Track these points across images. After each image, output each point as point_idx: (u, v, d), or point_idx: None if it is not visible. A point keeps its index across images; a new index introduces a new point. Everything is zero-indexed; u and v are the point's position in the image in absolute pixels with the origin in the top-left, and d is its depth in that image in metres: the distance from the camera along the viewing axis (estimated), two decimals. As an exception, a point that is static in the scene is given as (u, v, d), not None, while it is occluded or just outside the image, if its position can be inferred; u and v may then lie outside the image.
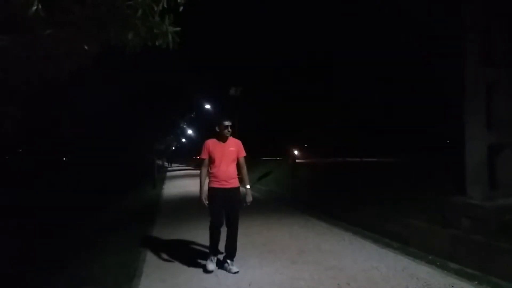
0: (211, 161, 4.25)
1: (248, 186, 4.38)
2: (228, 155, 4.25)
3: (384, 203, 6.46)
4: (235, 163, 4.34)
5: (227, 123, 4.21)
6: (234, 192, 4.24)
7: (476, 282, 3.75)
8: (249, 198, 4.31)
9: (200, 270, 4.45)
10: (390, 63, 13.10)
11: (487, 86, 4.79)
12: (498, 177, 4.84)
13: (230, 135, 4.33)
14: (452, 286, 3.63)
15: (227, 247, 4.37)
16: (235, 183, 4.27)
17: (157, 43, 2.90)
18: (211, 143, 4.28)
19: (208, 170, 4.32)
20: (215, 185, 4.22)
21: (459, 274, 3.98)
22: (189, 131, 38.92)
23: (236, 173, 4.31)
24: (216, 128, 4.27)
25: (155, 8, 2.72)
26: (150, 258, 5.16)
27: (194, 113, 23.98)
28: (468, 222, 4.55)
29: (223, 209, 4.22)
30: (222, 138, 4.27)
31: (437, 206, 5.14)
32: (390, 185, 6.98)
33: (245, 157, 4.45)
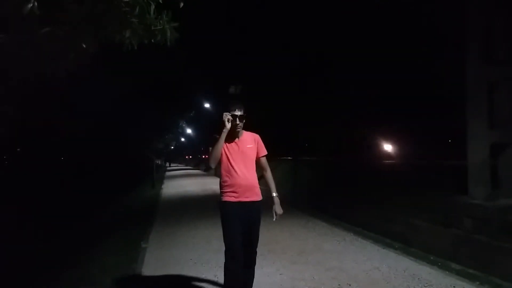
0: (223, 164, 3.10)
1: (275, 194, 3.23)
2: (247, 154, 3.11)
3: (385, 202, 6.44)
4: (255, 165, 3.21)
5: (237, 112, 3.03)
6: (256, 208, 3.10)
7: (478, 282, 3.72)
8: (278, 210, 3.18)
9: (199, 270, 4.41)
10: (390, 62, 13.08)
11: (489, 85, 4.75)
12: (500, 177, 4.80)
13: (243, 129, 3.19)
14: (454, 287, 3.60)
15: None
16: (258, 194, 3.12)
17: (153, 40, 2.87)
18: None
19: (220, 180, 3.15)
20: (231, 198, 3.02)
21: (461, 274, 3.96)
22: (188, 130, 38.87)
23: (257, 179, 3.19)
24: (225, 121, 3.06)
25: (152, 5, 2.68)
26: (149, 258, 5.13)
27: (194, 112, 23.90)
28: (470, 222, 4.52)
29: (240, 231, 3.04)
30: (234, 134, 3.10)
31: (439, 206, 5.12)
32: (392, 185, 6.96)
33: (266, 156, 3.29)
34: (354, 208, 7.17)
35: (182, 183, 19.66)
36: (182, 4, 2.73)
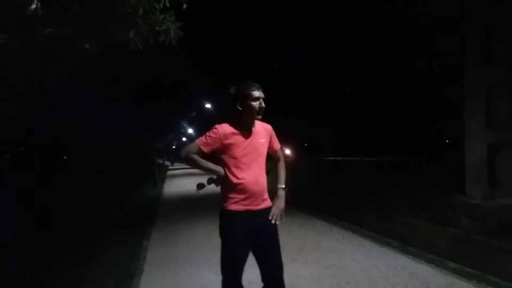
0: (229, 163, 2.41)
1: (281, 186, 2.61)
2: (260, 151, 2.47)
3: (384, 202, 6.46)
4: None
5: (259, 93, 2.40)
6: (269, 215, 2.48)
7: (475, 281, 3.74)
8: (280, 204, 2.54)
9: (201, 268, 4.45)
10: (390, 62, 13.11)
11: (487, 85, 4.78)
12: (498, 177, 4.84)
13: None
14: (451, 285, 3.63)
15: None
16: (268, 200, 2.53)
17: (159, 41, 2.91)
18: (228, 131, 2.39)
19: (225, 180, 2.44)
20: (239, 206, 2.38)
21: (458, 273, 3.98)
22: (190, 130, 38.93)
23: (266, 181, 2.54)
24: (238, 106, 2.40)
25: (157, 6, 2.73)
26: (150, 256, 5.18)
27: (195, 112, 23.97)
28: (468, 221, 4.55)
29: (248, 252, 2.43)
30: (247, 123, 2.43)
31: (437, 205, 5.14)
32: (390, 184, 6.99)
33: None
34: (353, 207, 7.20)
35: (183, 182, 19.68)
36: (185, 6, 2.78)
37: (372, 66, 13.76)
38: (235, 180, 2.38)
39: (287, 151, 16.89)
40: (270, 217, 2.45)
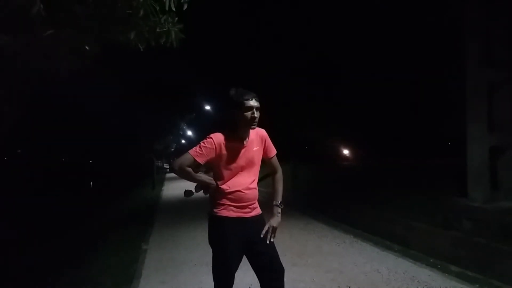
0: (222, 171, 2.34)
1: (278, 202, 2.51)
2: (253, 160, 2.39)
3: (385, 204, 6.44)
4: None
5: (253, 102, 2.26)
6: (262, 223, 2.42)
7: (478, 285, 3.73)
8: (275, 222, 2.44)
9: (200, 271, 4.42)
10: (391, 64, 13.13)
11: (489, 87, 4.77)
12: (500, 179, 4.82)
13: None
14: (453, 289, 3.61)
15: None
16: (258, 207, 2.47)
17: (161, 42, 2.90)
18: (223, 141, 2.28)
19: (216, 187, 2.37)
20: (231, 212, 2.33)
21: (460, 277, 3.96)
22: (189, 132, 38.91)
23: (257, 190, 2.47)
24: (237, 115, 2.29)
25: (157, 8, 2.72)
26: (149, 259, 5.15)
27: (194, 114, 23.93)
28: (470, 224, 4.53)
29: (240, 258, 2.38)
30: (242, 133, 2.32)
31: (439, 208, 5.12)
32: (391, 187, 6.97)
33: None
34: (353, 210, 7.17)
35: (182, 184, 19.66)
36: (186, 6, 2.76)
37: (374, 67, 13.79)
38: (226, 188, 2.33)
39: (345, 151, 16.91)
40: (262, 235, 2.38)
